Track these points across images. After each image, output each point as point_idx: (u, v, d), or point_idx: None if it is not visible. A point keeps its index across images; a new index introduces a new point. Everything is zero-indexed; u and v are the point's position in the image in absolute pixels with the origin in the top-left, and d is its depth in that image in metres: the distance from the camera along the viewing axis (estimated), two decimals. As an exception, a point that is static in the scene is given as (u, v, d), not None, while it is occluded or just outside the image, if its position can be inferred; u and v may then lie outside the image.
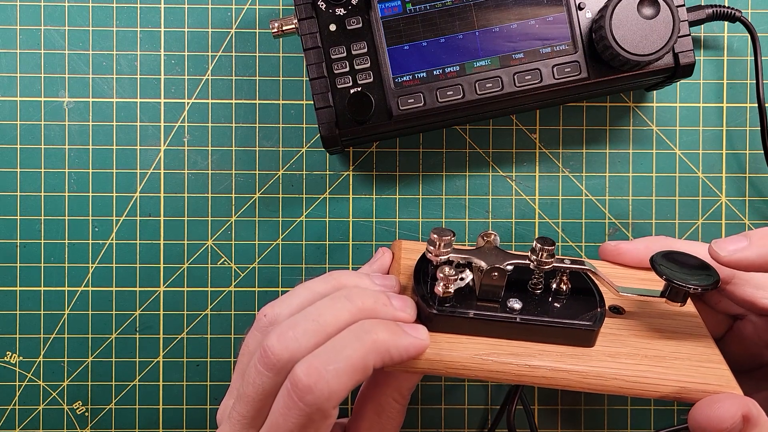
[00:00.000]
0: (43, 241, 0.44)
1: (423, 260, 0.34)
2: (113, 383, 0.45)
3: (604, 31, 0.37)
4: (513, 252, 0.33)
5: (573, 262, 0.32)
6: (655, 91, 0.44)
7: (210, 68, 0.44)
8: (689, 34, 0.39)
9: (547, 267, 0.31)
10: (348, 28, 0.39)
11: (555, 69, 0.39)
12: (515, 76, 0.39)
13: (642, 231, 0.45)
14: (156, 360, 0.45)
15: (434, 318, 0.31)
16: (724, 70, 0.44)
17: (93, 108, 0.44)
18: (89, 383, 0.45)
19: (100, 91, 0.44)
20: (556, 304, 0.32)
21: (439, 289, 0.31)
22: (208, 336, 0.45)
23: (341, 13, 0.39)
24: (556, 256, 0.32)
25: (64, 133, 0.44)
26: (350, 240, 0.45)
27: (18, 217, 0.44)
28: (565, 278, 0.33)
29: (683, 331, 0.33)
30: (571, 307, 0.32)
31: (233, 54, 0.44)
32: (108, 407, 0.45)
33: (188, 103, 0.44)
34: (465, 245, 0.44)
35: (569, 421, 0.44)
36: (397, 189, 0.45)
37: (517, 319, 0.31)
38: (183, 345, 0.45)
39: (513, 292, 0.32)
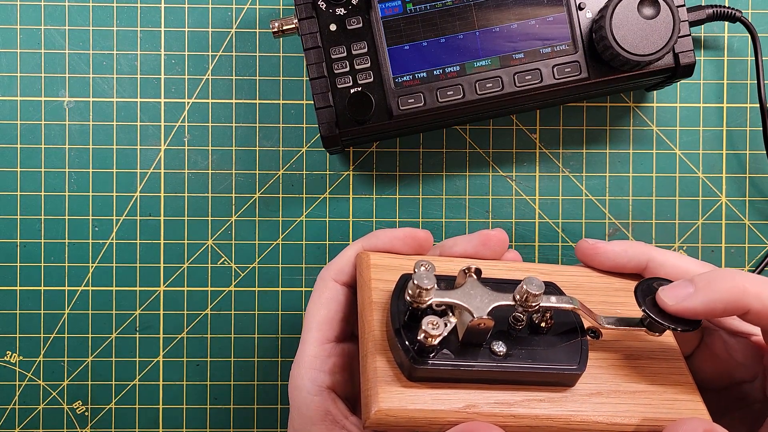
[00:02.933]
0: (43, 241, 0.44)
1: (399, 292, 0.31)
2: (113, 383, 0.45)
3: (605, 31, 0.37)
4: (498, 289, 0.30)
5: (558, 299, 0.30)
6: (655, 92, 0.44)
7: (210, 68, 0.44)
8: (689, 35, 0.39)
9: (532, 309, 0.30)
10: (348, 28, 0.39)
11: (555, 69, 0.39)
12: (515, 76, 0.39)
13: (642, 231, 0.45)
14: (156, 360, 0.45)
15: (418, 369, 0.29)
16: (725, 70, 0.44)
17: (93, 108, 0.44)
18: (89, 383, 0.45)
19: (100, 90, 0.44)
20: (539, 343, 0.31)
21: (421, 339, 0.28)
22: (208, 336, 0.45)
23: (341, 13, 0.39)
24: (542, 294, 0.30)
25: (64, 132, 0.44)
26: (350, 240, 0.45)
27: (18, 217, 0.44)
28: (548, 315, 0.31)
29: (659, 357, 0.32)
30: (555, 345, 0.31)
31: (233, 54, 0.44)
32: (108, 407, 0.45)
33: (188, 103, 0.44)
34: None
35: None
36: (397, 189, 0.45)
37: (503, 367, 0.29)
38: (183, 345, 0.45)
39: (495, 330, 0.30)
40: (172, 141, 0.44)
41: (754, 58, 0.43)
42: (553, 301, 0.30)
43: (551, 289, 0.33)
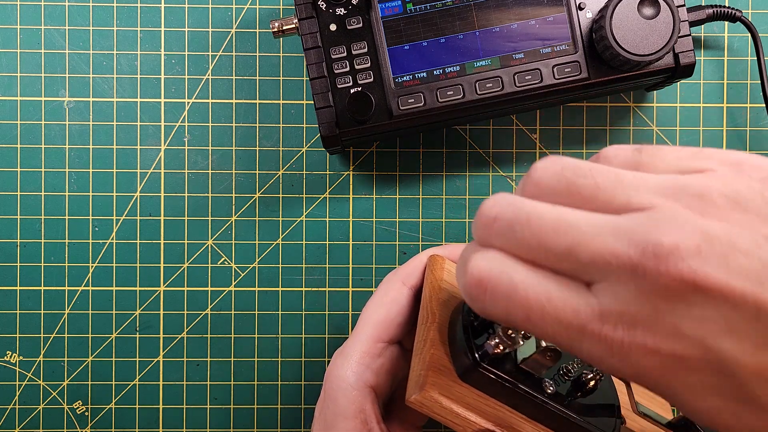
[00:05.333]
0: (43, 241, 0.44)
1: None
2: (113, 383, 0.45)
3: (605, 31, 0.37)
4: None
5: None
6: (655, 92, 0.44)
7: (210, 68, 0.44)
8: (689, 35, 0.39)
9: (591, 367, 0.30)
10: (348, 28, 0.39)
11: (555, 69, 0.39)
12: (515, 76, 0.39)
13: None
14: (156, 360, 0.45)
15: (474, 372, 0.29)
16: (725, 70, 0.44)
17: (93, 108, 0.44)
18: (89, 383, 0.45)
19: (100, 90, 0.44)
20: (581, 399, 0.31)
21: (492, 344, 0.28)
22: (208, 336, 0.45)
23: (341, 13, 0.39)
24: None
25: (64, 132, 0.44)
26: (350, 240, 0.45)
27: (18, 217, 0.44)
28: (599, 376, 0.31)
29: None
30: (594, 407, 0.31)
31: (233, 54, 0.44)
32: (108, 407, 0.45)
33: (188, 103, 0.44)
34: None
35: None
36: (397, 189, 0.45)
37: (551, 405, 0.29)
38: (183, 345, 0.45)
39: (548, 371, 0.31)
40: (172, 141, 0.44)
41: (755, 58, 0.43)
42: None
43: None
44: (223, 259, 0.44)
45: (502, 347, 0.28)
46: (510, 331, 0.28)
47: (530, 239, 0.20)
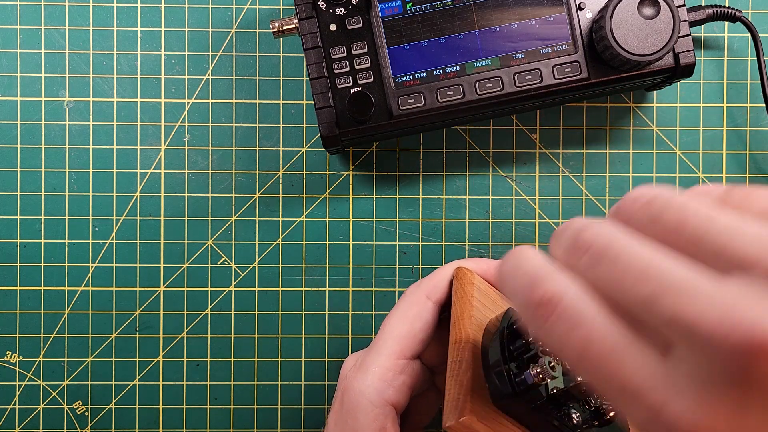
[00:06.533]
0: (43, 241, 0.44)
1: (510, 322, 0.31)
2: (113, 383, 0.45)
3: (605, 31, 0.37)
4: None
5: None
6: (655, 92, 0.44)
7: (210, 68, 0.44)
8: (689, 35, 0.39)
9: None
10: (348, 28, 0.39)
11: (555, 69, 0.39)
12: (515, 77, 0.39)
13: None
14: (156, 360, 0.45)
15: (511, 400, 0.28)
16: (725, 70, 0.44)
17: (93, 108, 0.44)
18: (89, 383, 0.45)
19: (100, 90, 0.44)
20: (596, 428, 0.30)
21: (532, 373, 0.28)
22: (208, 336, 0.45)
23: (341, 13, 0.39)
24: None
25: (64, 132, 0.44)
26: (350, 240, 0.45)
27: (18, 217, 0.44)
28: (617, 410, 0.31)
29: None
30: None
31: (233, 54, 0.44)
32: (108, 407, 0.45)
33: (188, 103, 0.44)
34: (466, 246, 0.44)
35: None
36: (397, 189, 0.45)
37: None
38: (183, 345, 0.45)
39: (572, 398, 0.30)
40: (172, 141, 0.44)
41: (755, 59, 0.43)
42: None
43: None
44: (223, 259, 0.44)
45: (541, 377, 0.28)
46: (552, 363, 0.28)
47: (613, 280, 0.18)
